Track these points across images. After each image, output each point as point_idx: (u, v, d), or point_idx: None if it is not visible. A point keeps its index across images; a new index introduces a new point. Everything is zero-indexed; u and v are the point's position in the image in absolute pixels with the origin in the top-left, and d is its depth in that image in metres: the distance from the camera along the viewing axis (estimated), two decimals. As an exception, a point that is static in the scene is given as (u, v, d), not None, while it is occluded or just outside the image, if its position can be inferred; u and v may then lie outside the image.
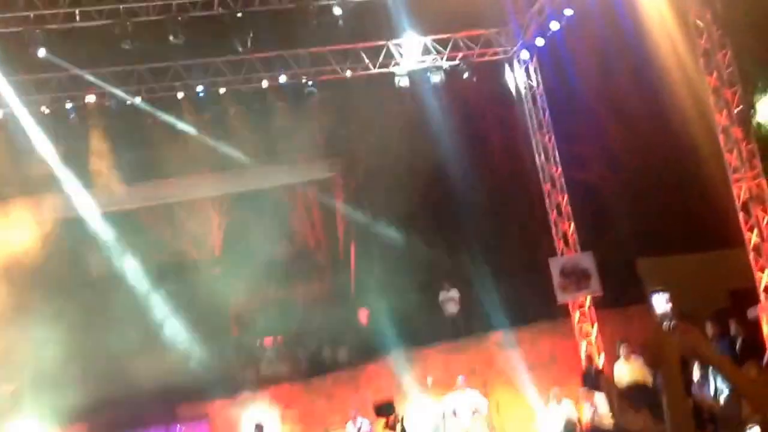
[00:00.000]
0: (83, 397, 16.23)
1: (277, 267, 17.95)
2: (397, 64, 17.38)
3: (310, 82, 17.03)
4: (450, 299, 17.27)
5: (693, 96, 15.13)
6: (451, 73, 18.04)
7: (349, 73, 17.29)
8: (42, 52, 14.55)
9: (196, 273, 17.68)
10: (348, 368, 17.13)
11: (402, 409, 15.75)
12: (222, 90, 16.95)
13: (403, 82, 17.65)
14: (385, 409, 9.47)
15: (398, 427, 9.26)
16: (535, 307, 17.17)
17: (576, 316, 17.59)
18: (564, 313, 17.48)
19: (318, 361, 17.49)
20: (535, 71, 18.10)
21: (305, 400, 16.61)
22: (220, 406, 16.80)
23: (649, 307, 15.94)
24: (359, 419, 15.32)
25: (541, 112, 17.98)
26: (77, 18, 14.65)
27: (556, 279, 17.36)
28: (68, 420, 15.89)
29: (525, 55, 17.93)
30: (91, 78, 15.77)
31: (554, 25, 16.58)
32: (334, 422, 16.24)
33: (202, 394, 16.50)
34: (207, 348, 16.95)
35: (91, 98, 15.99)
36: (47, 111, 15.69)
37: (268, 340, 17.73)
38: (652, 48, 15.25)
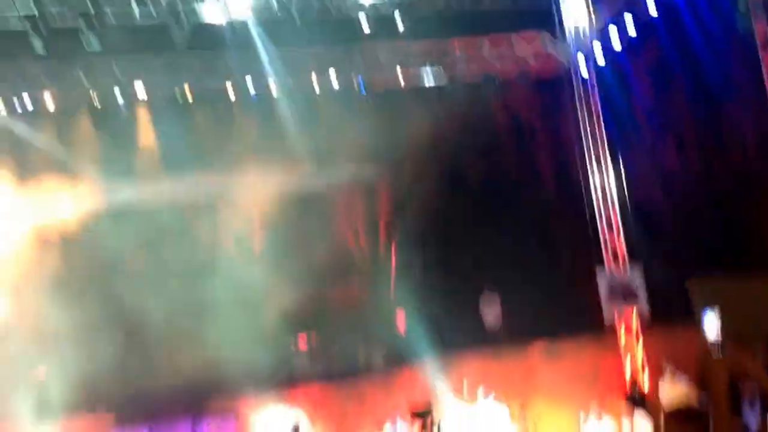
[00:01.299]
0: (112, 385, 16.15)
1: (316, 267, 17.76)
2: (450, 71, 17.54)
3: (362, 86, 17.28)
4: (491, 305, 16.89)
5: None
6: (506, 83, 18.08)
7: (402, 82, 17.48)
8: (95, 45, 14.91)
9: (235, 270, 17.58)
10: (383, 371, 16.75)
11: (438, 414, 15.35)
12: (273, 89, 17.22)
13: (455, 90, 17.77)
14: (422, 412, 9.28)
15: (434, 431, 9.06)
16: (579, 319, 16.64)
17: (621, 331, 17.06)
18: (609, 328, 16.97)
19: (352, 363, 17.15)
20: (593, 84, 17.99)
21: (337, 402, 16.25)
22: (250, 403, 16.52)
23: (698, 328, 15.35)
24: (399, 421, 14.98)
25: (596, 124, 17.81)
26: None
27: (603, 293, 16.91)
28: (96, 407, 15.80)
29: (584, 66, 17.91)
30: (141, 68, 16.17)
31: (616, 39, 16.62)
32: (366, 425, 15.84)
33: (232, 389, 16.22)
34: (240, 344, 16.72)
35: (140, 88, 16.34)
36: (97, 99, 16.09)
37: (302, 340, 17.45)
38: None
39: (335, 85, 17.60)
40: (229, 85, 16.90)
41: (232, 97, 17.10)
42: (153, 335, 16.55)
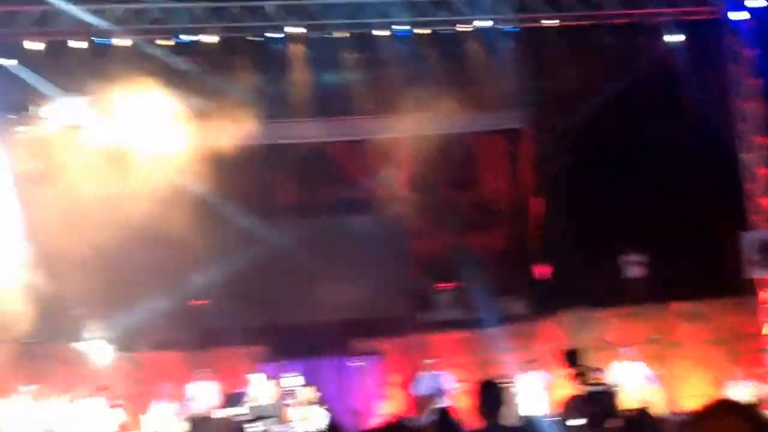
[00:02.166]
0: (264, 317, 16.90)
1: (458, 213, 17.95)
2: (602, 17, 16.84)
3: (511, 28, 16.81)
4: (633, 262, 16.90)
5: None
6: (654, 31, 17.36)
7: (551, 22, 16.89)
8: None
9: (379, 210, 17.90)
10: (522, 321, 17.11)
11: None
12: (421, 31, 16.89)
13: (605, 37, 17.15)
14: (574, 358, 9.26)
15: (587, 378, 9.01)
16: (721, 281, 16.58)
17: (763, 295, 16.94)
18: (752, 290, 16.86)
19: (493, 312, 17.50)
20: (748, 33, 17.16)
21: (476, 349, 16.70)
22: (393, 344, 17.13)
23: None
24: (538, 371, 15.31)
25: (750, 76, 17.11)
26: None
27: (747, 253, 16.71)
28: (248, 339, 16.58)
29: (738, 15, 17.04)
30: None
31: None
32: (504, 372, 16.31)
33: (375, 331, 16.86)
34: (383, 286, 17.24)
35: (297, 29, 16.23)
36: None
37: (443, 286, 17.85)
38: None
39: (484, 25, 17.10)
40: (378, 31, 16.62)
41: (384, 37, 16.84)
42: (303, 271, 17.14)
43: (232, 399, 13.57)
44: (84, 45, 15.70)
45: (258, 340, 16.70)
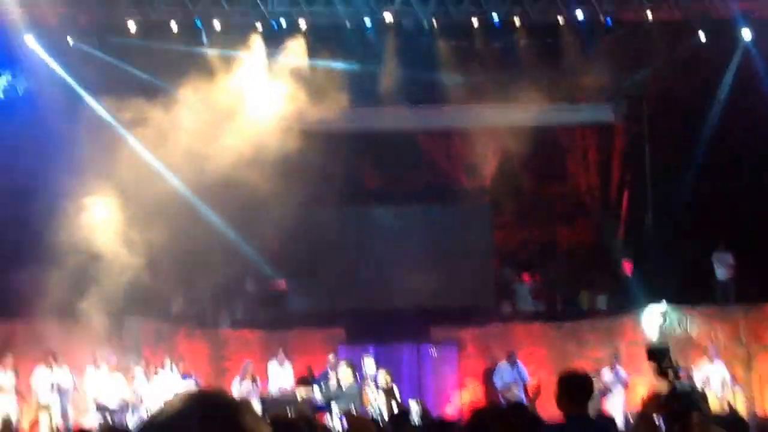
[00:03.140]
0: (345, 302, 17.17)
1: (544, 206, 17.86)
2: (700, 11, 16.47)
3: (608, 20, 16.61)
4: (724, 262, 16.52)
5: None
6: (758, 22, 16.88)
7: (650, 15, 16.60)
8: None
9: (464, 199, 17.94)
10: (605, 316, 16.95)
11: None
12: (517, 21, 16.83)
13: (703, 33, 16.79)
14: (659, 353, 9.08)
15: (671, 375, 8.83)
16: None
17: None
18: None
19: (574, 304, 17.44)
20: None
21: (556, 343, 16.61)
22: (472, 333, 17.16)
23: None
24: (618, 367, 15.20)
25: None
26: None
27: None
28: (326, 322, 16.88)
29: None
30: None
31: None
32: (584, 367, 16.19)
33: (454, 319, 16.92)
34: (463, 275, 17.28)
35: (389, 16, 16.38)
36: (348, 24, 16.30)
37: (525, 277, 17.79)
38: None
39: (579, 17, 16.93)
40: (474, 18, 16.63)
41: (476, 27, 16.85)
42: (384, 256, 17.35)
43: (309, 380, 13.84)
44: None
45: (336, 324, 16.94)
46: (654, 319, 16.34)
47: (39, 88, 15.84)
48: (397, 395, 13.01)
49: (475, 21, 16.71)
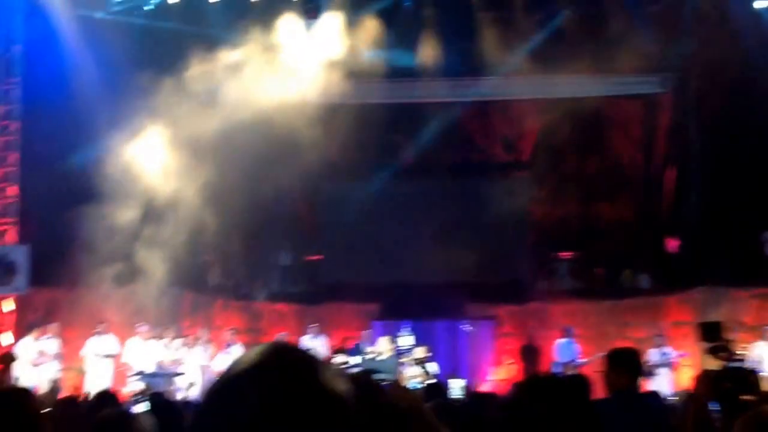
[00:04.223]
0: (380, 277, 17.01)
1: (584, 180, 17.48)
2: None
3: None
4: (772, 243, 16.04)
5: None
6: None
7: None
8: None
9: (502, 174, 17.61)
10: (647, 296, 16.58)
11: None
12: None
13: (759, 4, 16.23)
14: (712, 332, 8.72)
15: (724, 354, 8.49)
16: None
17: None
18: None
19: (615, 283, 17.07)
20: None
21: (596, 322, 16.28)
22: (508, 311, 16.95)
23: None
24: (664, 347, 14.86)
25: None
26: None
27: None
28: (362, 296, 16.75)
29: None
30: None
31: None
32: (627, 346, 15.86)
33: (490, 295, 16.69)
34: (500, 251, 17.00)
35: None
36: None
37: (564, 254, 17.46)
38: None
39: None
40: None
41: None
42: (421, 231, 17.13)
43: (345, 352, 13.75)
44: None
45: (372, 298, 16.81)
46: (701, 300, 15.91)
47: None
48: (433, 370, 12.87)
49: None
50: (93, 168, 14.05)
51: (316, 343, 14.90)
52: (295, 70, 16.22)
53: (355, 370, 12.07)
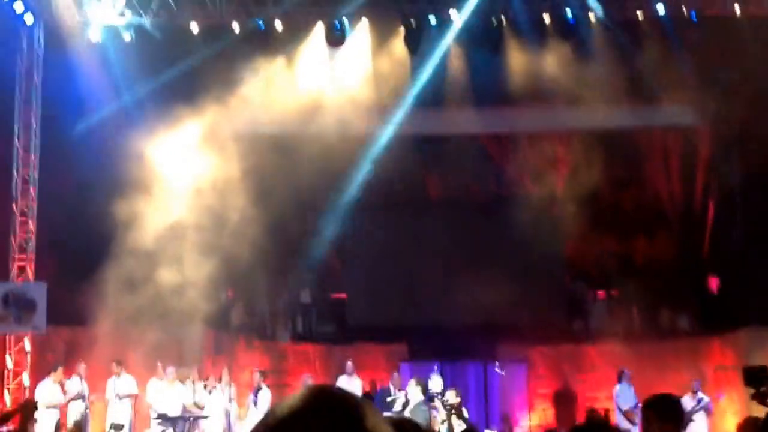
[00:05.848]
0: (408, 316, 17.05)
1: (620, 215, 17.45)
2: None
3: (693, 15, 16.24)
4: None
5: None
6: None
7: (738, 9, 16.17)
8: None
9: (531, 208, 17.62)
10: (688, 337, 16.50)
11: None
12: (592, 16, 16.56)
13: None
14: (757, 376, 8.65)
15: None
16: None
17: None
18: None
19: (654, 324, 16.98)
20: None
21: (634, 364, 16.15)
22: (541, 352, 16.91)
23: None
24: (700, 393, 14.75)
25: None
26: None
27: None
28: (393, 337, 16.78)
29: None
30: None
31: None
32: (665, 390, 15.74)
33: (523, 336, 16.62)
34: (532, 290, 16.95)
35: (454, 14, 16.28)
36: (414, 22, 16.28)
37: (600, 293, 17.42)
38: None
39: (661, 11, 16.56)
40: (546, 15, 16.42)
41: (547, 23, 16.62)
42: (449, 268, 17.17)
43: (374, 396, 13.77)
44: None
45: (399, 339, 16.85)
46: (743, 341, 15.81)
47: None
48: (466, 415, 12.86)
49: (546, 17, 16.51)
50: (111, 203, 14.31)
51: (353, 384, 14.93)
52: (318, 101, 16.50)
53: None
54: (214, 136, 15.85)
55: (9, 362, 14.43)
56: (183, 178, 15.42)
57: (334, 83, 16.76)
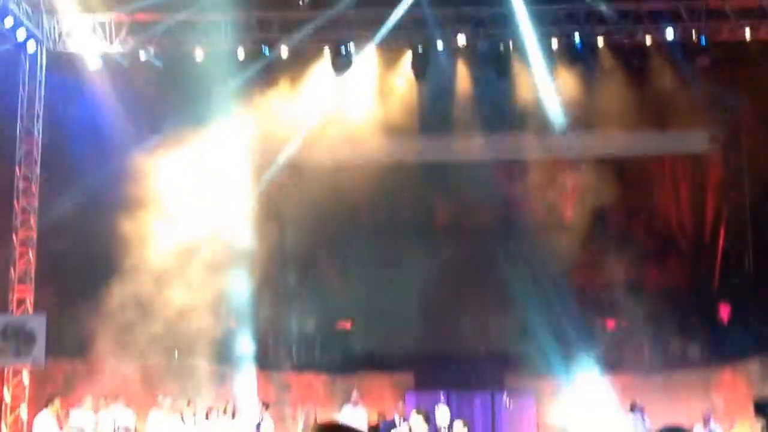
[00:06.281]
0: (414, 345, 16.94)
1: (630, 244, 17.34)
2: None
3: (702, 39, 16.19)
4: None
5: None
6: None
7: (748, 34, 16.12)
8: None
9: (541, 235, 17.55)
10: (699, 367, 16.37)
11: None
12: (600, 41, 16.51)
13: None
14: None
15: None
16: None
17: None
18: None
19: (665, 354, 16.85)
20: None
21: (644, 395, 16.06)
22: (550, 383, 16.75)
23: None
24: (712, 423, 14.62)
25: None
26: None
27: None
28: (398, 366, 16.69)
29: None
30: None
31: None
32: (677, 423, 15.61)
33: (531, 367, 16.50)
34: (541, 319, 16.85)
35: (462, 39, 16.27)
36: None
37: (610, 323, 17.30)
38: None
39: (669, 36, 16.51)
40: (554, 40, 16.41)
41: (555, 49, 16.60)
42: (455, 297, 17.07)
43: (379, 428, 13.66)
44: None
45: (404, 368, 16.76)
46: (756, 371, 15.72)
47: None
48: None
49: (554, 42, 16.47)
50: (112, 233, 14.30)
51: (357, 415, 14.83)
52: (324, 126, 16.51)
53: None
54: (217, 160, 15.85)
55: (6, 396, 14.36)
56: (186, 203, 15.39)
57: (341, 109, 16.77)
